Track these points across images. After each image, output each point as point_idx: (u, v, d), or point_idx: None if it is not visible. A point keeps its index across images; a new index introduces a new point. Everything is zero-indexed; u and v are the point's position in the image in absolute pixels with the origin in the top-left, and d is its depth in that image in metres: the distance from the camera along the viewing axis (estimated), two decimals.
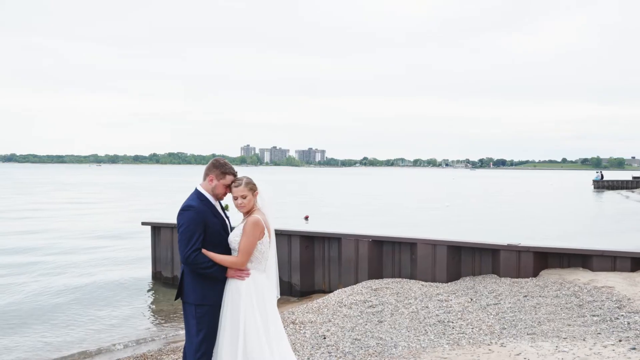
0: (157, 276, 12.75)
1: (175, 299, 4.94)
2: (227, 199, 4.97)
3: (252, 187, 4.84)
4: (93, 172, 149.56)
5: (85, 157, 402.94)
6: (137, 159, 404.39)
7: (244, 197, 4.80)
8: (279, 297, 5.11)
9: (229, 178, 4.84)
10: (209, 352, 4.73)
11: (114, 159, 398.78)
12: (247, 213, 4.87)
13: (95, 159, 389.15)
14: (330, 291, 10.73)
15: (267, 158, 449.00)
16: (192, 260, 4.62)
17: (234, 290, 4.74)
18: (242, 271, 4.77)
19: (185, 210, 4.70)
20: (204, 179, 4.88)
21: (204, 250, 4.66)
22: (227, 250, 4.81)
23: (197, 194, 4.83)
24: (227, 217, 5.00)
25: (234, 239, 4.80)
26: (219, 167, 4.84)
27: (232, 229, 4.94)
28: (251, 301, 4.73)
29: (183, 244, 4.65)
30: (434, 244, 10.10)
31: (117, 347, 8.46)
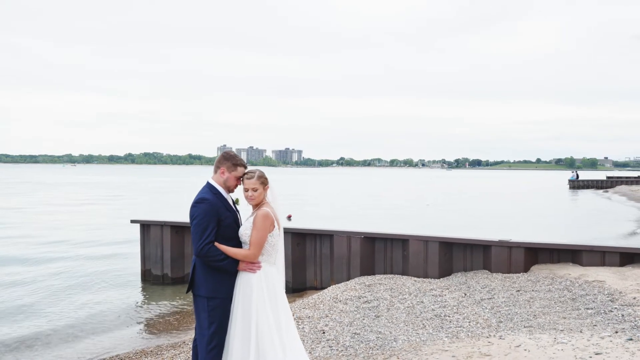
0: (146, 274, 12.67)
1: (187, 292, 4.94)
2: (238, 193, 4.99)
3: (263, 181, 4.88)
4: (69, 172, 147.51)
5: (59, 157, 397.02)
6: (112, 159, 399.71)
7: (254, 190, 4.83)
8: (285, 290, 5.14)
9: (240, 170, 4.87)
10: (221, 345, 4.74)
11: (88, 159, 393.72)
12: (256, 206, 4.90)
13: (70, 159, 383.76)
14: (322, 288, 10.79)
15: (243, 158, 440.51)
16: (205, 252, 4.63)
17: (245, 282, 4.77)
18: (253, 264, 4.79)
19: (199, 202, 4.71)
20: (215, 172, 4.90)
21: (216, 243, 4.68)
22: (238, 244, 4.82)
23: (209, 187, 4.85)
24: (238, 211, 5.03)
25: (244, 232, 4.82)
26: (230, 159, 4.87)
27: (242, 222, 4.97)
28: (262, 293, 4.76)
29: (197, 236, 4.65)
30: (425, 240, 10.21)
31: (115, 343, 8.41)
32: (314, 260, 11.31)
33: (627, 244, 15.51)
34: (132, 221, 13.11)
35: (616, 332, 6.49)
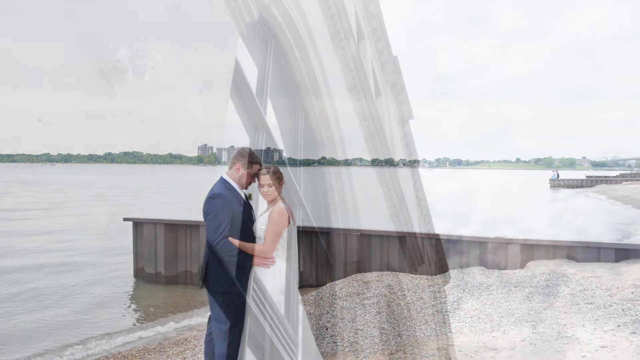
0: (139, 273, 12.55)
1: (201, 288, 4.92)
2: (251, 188, 4.99)
3: (278, 177, 4.89)
4: (50, 171, 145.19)
5: (37, 156, 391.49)
6: (91, 158, 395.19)
7: (270, 186, 4.84)
8: (298, 285, 5.15)
9: (255, 167, 4.87)
10: (237, 340, 4.73)
11: (66, 158, 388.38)
12: (271, 201, 4.90)
13: (48, 158, 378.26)
14: (318, 285, 10.78)
15: (224, 158, 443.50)
16: (220, 247, 4.62)
17: (259, 278, 4.77)
18: (267, 259, 4.79)
19: (213, 198, 4.70)
20: (230, 167, 4.89)
21: (230, 238, 4.67)
22: (252, 239, 4.82)
23: (223, 182, 4.83)
24: (251, 207, 5.02)
25: (259, 227, 4.82)
26: (246, 157, 4.86)
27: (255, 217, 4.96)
28: (276, 288, 4.78)
29: (211, 231, 4.64)
30: (422, 237, 10.26)
31: (115, 342, 8.36)
32: (310, 257, 11.30)
33: (619, 240, 15.69)
34: (125, 219, 12.99)
35: (618, 326, 6.58)
